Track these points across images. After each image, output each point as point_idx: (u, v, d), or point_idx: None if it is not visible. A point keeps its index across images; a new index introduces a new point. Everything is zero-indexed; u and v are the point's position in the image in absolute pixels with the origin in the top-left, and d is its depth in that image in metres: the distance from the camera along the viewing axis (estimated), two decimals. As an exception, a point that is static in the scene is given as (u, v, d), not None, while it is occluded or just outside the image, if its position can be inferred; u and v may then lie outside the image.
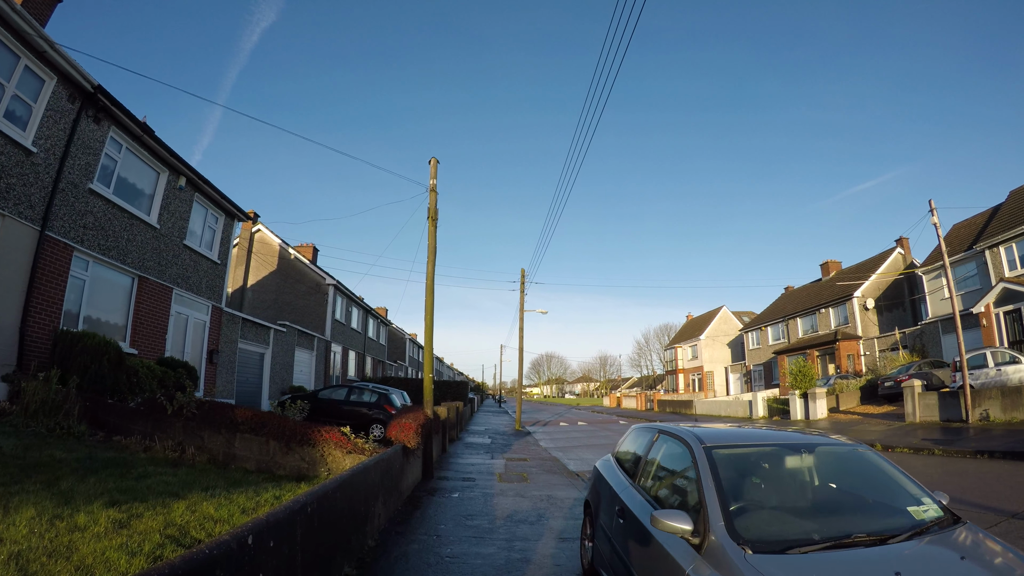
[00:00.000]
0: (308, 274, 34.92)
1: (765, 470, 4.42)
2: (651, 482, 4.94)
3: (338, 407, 20.64)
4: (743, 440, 4.71)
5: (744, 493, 4.00)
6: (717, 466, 3.99)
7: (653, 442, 5.33)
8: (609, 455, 6.78)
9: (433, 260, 14.04)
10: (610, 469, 6.10)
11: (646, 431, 5.89)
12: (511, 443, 22.35)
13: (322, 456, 9.10)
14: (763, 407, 34.44)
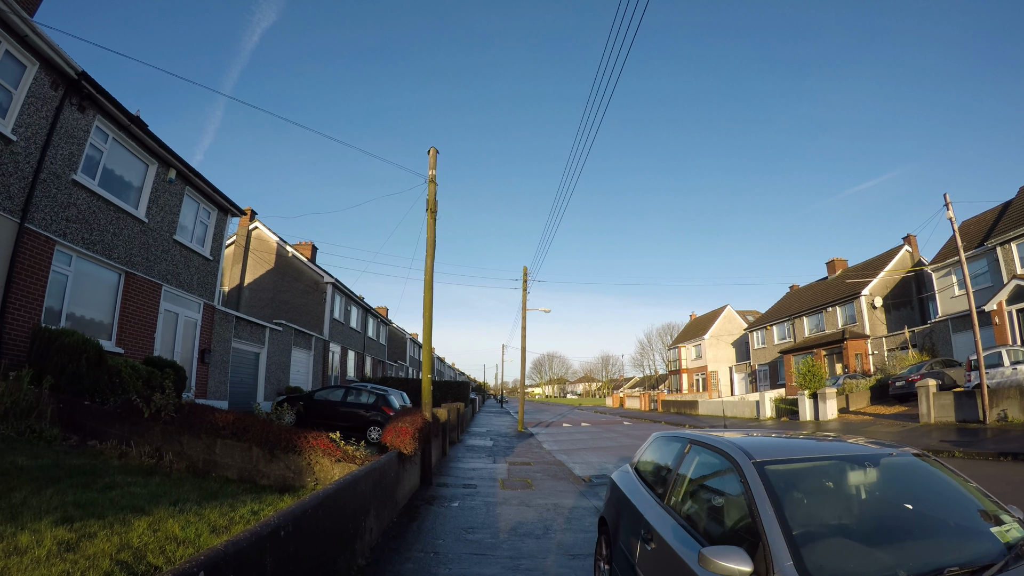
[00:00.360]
0: (306, 272, 34.21)
1: (828, 490, 3.70)
2: (685, 503, 4.19)
3: (335, 408, 19.95)
4: (795, 453, 3.96)
5: (808, 520, 3.27)
6: (774, 488, 3.28)
7: (684, 454, 4.59)
8: (627, 466, 6.05)
9: (432, 254, 13.32)
10: (630, 483, 5.37)
11: (673, 441, 5.16)
12: (513, 446, 21.63)
13: (309, 465, 8.36)
14: (770, 407, 33.70)
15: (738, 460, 3.63)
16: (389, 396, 20.16)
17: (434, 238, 13.51)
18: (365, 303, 41.72)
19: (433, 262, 13.25)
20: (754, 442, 4.06)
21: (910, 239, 45.60)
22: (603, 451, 20.35)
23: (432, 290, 12.91)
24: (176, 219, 18.01)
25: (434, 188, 13.99)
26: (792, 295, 55.39)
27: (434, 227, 13.61)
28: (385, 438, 9.69)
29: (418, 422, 10.83)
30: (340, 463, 8.26)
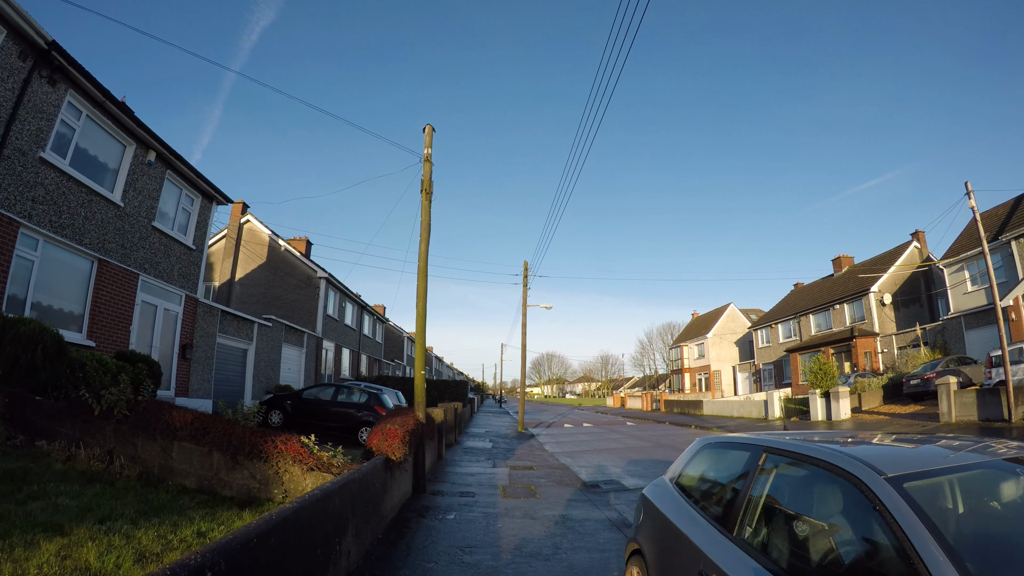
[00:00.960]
0: (299, 267, 33.03)
1: (986, 508, 2.56)
2: (769, 535, 3.01)
3: (324, 408, 18.79)
4: (928, 463, 2.78)
5: (975, 552, 2.12)
6: (926, 512, 2.15)
7: (758, 469, 3.40)
8: (664, 480, 4.87)
9: (427, 239, 12.16)
10: (674, 504, 4.18)
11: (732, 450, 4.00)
12: (514, 447, 20.46)
13: (277, 474, 7.18)
14: (779, 407, 32.57)
15: (861, 476, 2.47)
16: (382, 395, 18.99)
17: (429, 221, 12.35)
18: (360, 300, 40.51)
19: (428, 247, 12.09)
20: (870, 451, 2.91)
21: (918, 235, 44.56)
22: (609, 454, 19.19)
23: (426, 278, 11.75)
24: (155, 204, 16.94)
25: (429, 168, 12.85)
26: (797, 293, 54.29)
27: (429, 209, 12.46)
28: (370, 442, 8.52)
29: (409, 423, 9.67)
30: (313, 472, 7.07)
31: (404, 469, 9.24)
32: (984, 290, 32.06)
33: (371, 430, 8.84)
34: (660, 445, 21.94)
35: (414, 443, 10.02)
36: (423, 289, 11.61)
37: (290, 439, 7.25)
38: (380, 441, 8.43)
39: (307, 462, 7.03)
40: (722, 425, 30.53)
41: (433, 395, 33.92)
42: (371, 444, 8.49)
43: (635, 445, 22.07)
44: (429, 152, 13.05)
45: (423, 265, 11.83)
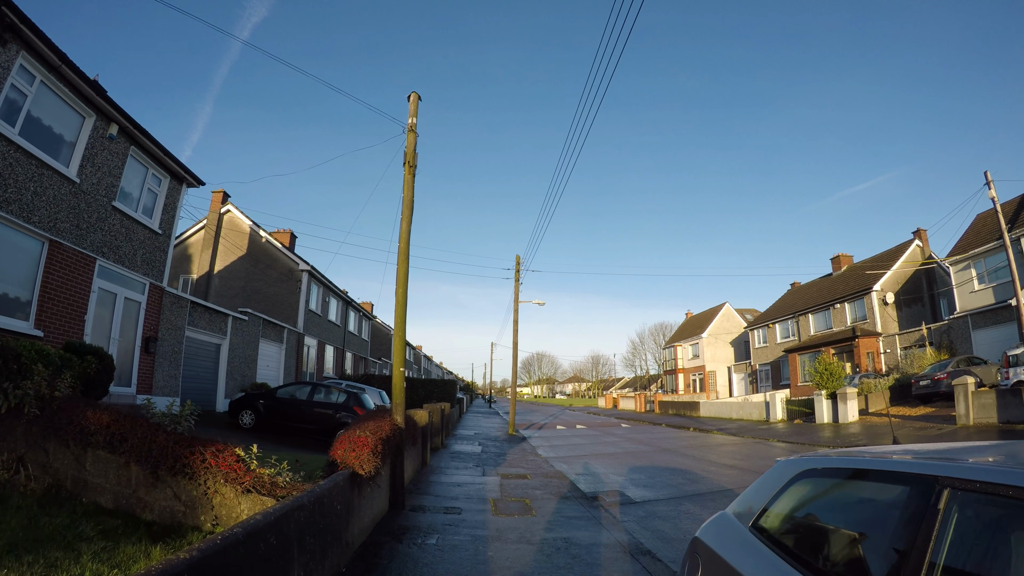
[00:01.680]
0: (280, 259, 31.44)
1: None
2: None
3: (299, 408, 17.30)
4: None
5: None
6: None
7: (936, 514, 1.96)
8: (732, 519, 3.42)
9: (409, 218, 10.68)
10: (762, 562, 2.70)
11: (866, 481, 2.56)
12: (505, 452, 18.99)
13: (206, 495, 5.67)
14: (781, 409, 31.23)
15: None
16: (362, 395, 17.52)
17: (412, 198, 10.87)
18: (346, 295, 38.90)
19: (410, 226, 10.61)
20: None
21: (920, 233, 43.48)
22: (608, 459, 17.76)
23: (407, 261, 10.27)
24: (117, 183, 15.44)
25: (414, 139, 11.38)
26: (794, 292, 53.07)
27: (412, 184, 10.98)
28: (334, 452, 7.03)
29: (384, 429, 8.19)
30: (250, 495, 5.54)
31: (377, 484, 7.75)
32: (992, 288, 30.93)
33: (336, 437, 7.34)
34: (661, 449, 20.53)
35: (390, 452, 8.54)
36: (404, 273, 10.13)
37: (223, 450, 5.69)
38: (346, 452, 6.96)
39: (242, 481, 5.50)
40: (722, 427, 29.19)
41: (420, 395, 32.39)
42: (335, 455, 7.01)
43: (634, 449, 20.66)
44: (414, 122, 11.61)
45: (404, 247, 10.35)
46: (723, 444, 22.33)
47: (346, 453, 6.97)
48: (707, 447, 21.25)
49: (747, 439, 24.10)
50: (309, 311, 31.33)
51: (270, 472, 5.64)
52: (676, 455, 18.67)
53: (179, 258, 32.77)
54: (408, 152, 11.26)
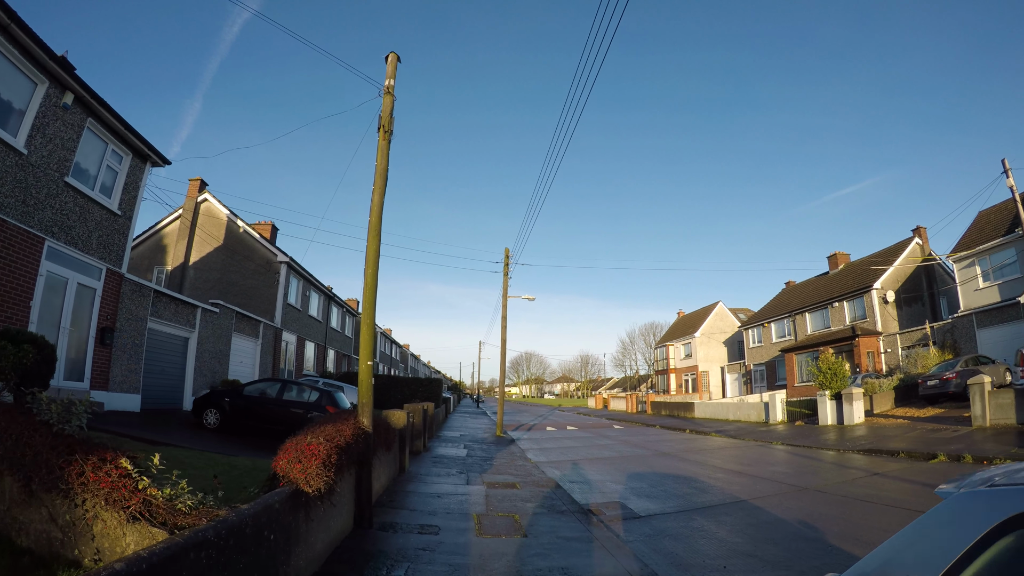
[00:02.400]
0: (258, 250, 29.87)
1: None
2: None
3: (267, 407, 15.85)
4: None
5: None
6: None
7: None
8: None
9: (382, 189, 9.24)
10: None
11: None
12: (492, 455, 17.56)
13: (85, 520, 4.15)
14: (781, 410, 29.94)
15: None
16: (337, 394, 16.09)
17: (386, 167, 9.44)
18: (329, 291, 37.27)
19: (383, 198, 9.17)
20: None
21: (920, 231, 42.40)
22: (603, 464, 16.37)
23: (379, 237, 8.82)
24: (71, 157, 14.09)
25: (391, 102, 9.96)
26: (790, 291, 51.90)
27: (387, 152, 9.54)
28: (278, 462, 5.59)
29: (344, 434, 6.75)
30: (139, 523, 4.03)
31: (332, 502, 6.30)
32: (998, 286, 29.86)
33: (283, 444, 5.89)
34: (659, 453, 19.17)
35: (353, 461, 7.11)
36: (374, 252, 8.68)
37: (109, 460, 4.12)
38: (290, 463, 5.52)
39: (128, 504, 3.99)
40: (720, 429, 27.87)
41: (403, 394, 30.95)
42: (277, 466, 5.58)
43: (630, 453, 19.29)
44: (391, 84, 10.21)
45: (375, 221, 8.90)
46: (724, 447, 21.00)
47: (290, 465, 5.53)
48: (708, 451, 19.91)
49: (748, 442, 22.78)
50: (288, 305, 29.78)
51: (167, 493, 4.14)
52: (676, 460, 17.33)
53: (153, 248, 31.27)
54: (384, 116, 9.83)
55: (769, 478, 13.51)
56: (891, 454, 16.32)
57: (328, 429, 6.70)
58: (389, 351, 67.05)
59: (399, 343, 78.47)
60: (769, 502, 10.41)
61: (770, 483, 12.76)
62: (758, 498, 10.85)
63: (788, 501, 10.47)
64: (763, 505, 10.14)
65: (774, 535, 8.01)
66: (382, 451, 9.88)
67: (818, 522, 8.68)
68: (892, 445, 17.48)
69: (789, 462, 16.33)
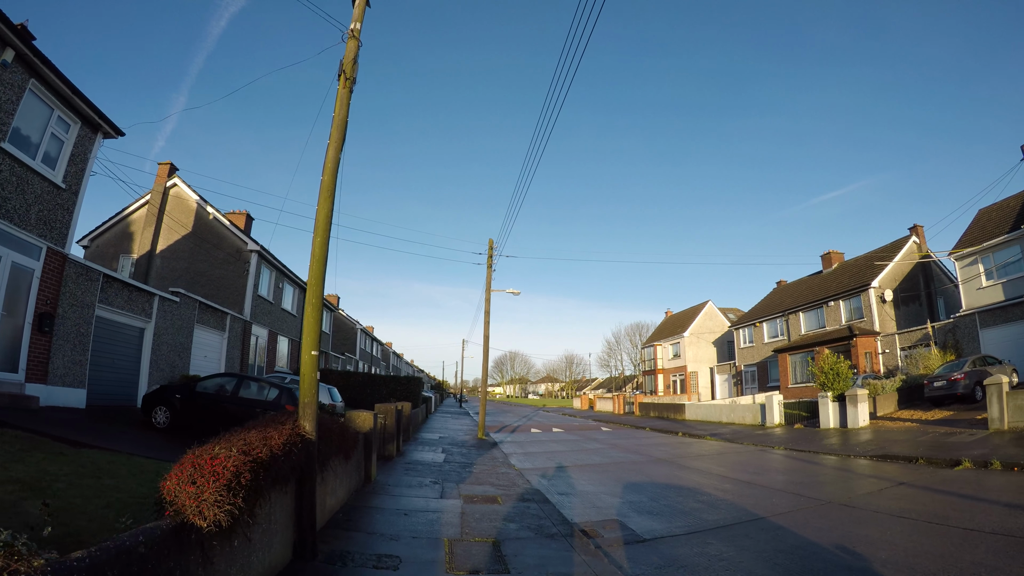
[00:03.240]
0: (228, 238, 28.09)
1: None
2: None
3: (220, 406, 14.20)
4: None
5: None
6: None
7: None
8: None
9: (339, 142, 7.64)
10: None
11: None
12: (472, 461, 15.95)
13: None
14: (779, 413, 28.54)
15: None
16: (296, 392, 14.47)
17: (345, 119, 7.84)
18: (304, 283, 35.34)
19: (339, 154, 7.56)
20: None
21: (916, 229, 41.29)
22: (595, 472, 14.84)
23: (332, 200, 7.21)
24: (9, 120, 12.64)
25: (355, 47, 8.35)
26: (782, 290, 50.65)
27: (348, 103, 7.94)
28: (167, 483, 3.99)
29: (270, 444, 5.14)
30: None
31: (247, 536, 4.70)
32: (1002, 284, 28.69)
33: (181, 458, 4.30)
34: (655, 459, 17.67)
35: (280, 478, 5.50)
36: (325, 217, 7.06)
37: None
38: (180, 485, 3.93)
39: None
40: (715, 432, 26.45)
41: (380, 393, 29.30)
42: (165, 489, 3.98)
43: (623, 459, 17.79)
44: (358, 27, 8.58)
45: (329, 181, 7.29)
46: (723, 452, 19.54)
47: (180, 487, 3.94)
48: (706, 456, 18.43)
49: (748, 446, 21.35)
50: (258, 297, 28.02)
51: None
52: (675, 467, 15.83)
53: (120, 236, 29.45)
54: (346, 61, 8.20)
55: (784, 489, 12.02)
56: (908, 460, 14.90)
57: (252, 436, 5.10)
58: (370, 348, 65.23)
59: (381, 341, 76.63)
60: (792, 520, 8.90)
61: (787, 495, 11.25)
62: (779, 515, 9.33)
63: (814, 519, 8.96)
64: (786, 524, 8.62)
65: (813, 566, 6.49)
66: (338, 460, 8.28)
67: (859, 546, 7.18)
68: (906, 451, 16.06)
69: (800, 470, 14.85)
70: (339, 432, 8.30)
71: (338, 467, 8.33)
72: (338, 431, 8.24)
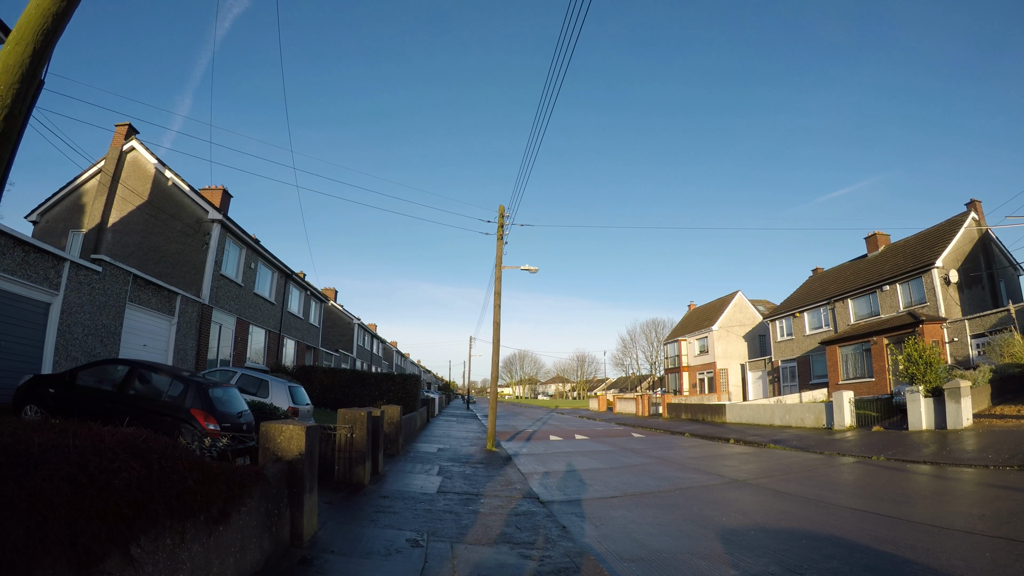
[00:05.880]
0: (186, 206, 23.38)
1: None
2: None
3: (102, 405, 9.43)
4: None
5: None
6: None
7: None
8: None
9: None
10: None
11: None
12: (479, 491, 11.10)
13: None
14: (849, 413, 23.61)
15: None
16: (216, 391, 9.73)
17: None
18: (286, 267, 30.40)
19: None
20: None
21: (974, 205, 36.25)
22: (660, 507, 10.09)
23: None
24: None
25: None
26: (821, 278, 45.57)
27: None
28: None
29: None
30: None
31: None
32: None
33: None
34: (733, 482, 12.88)
35: None
36: None
37: None
38: None
39: None
40: (775, 439, 21.62)
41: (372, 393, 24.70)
42: None
43: (687, 481, 13.03)
44: None
45: None
46: (812, 467, 14.76)
47: None
48: (796, 474, 13.63)
49: (833, 457, 16.61)
50: (222, 277, 23.29)
51: None
52: (768, 494, 11.06)
53: (70, 209, 24.94)
54: None
55: (978, 531, 7.26)
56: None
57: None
58: (369, 346, 60.44)
59: (383, 339, 71.80)
60: None
61: (998, 543, 6.52)
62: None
63: None
64: None
65: None
66: (182, 530, 3.59)
67: None
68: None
69: (963, 495, 10.05)
70: (171, 479, 3.60)
71: (174, 549, 3.64)
72: (165, 475, 3.53)
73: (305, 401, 16.27)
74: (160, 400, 9.25)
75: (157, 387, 9.54)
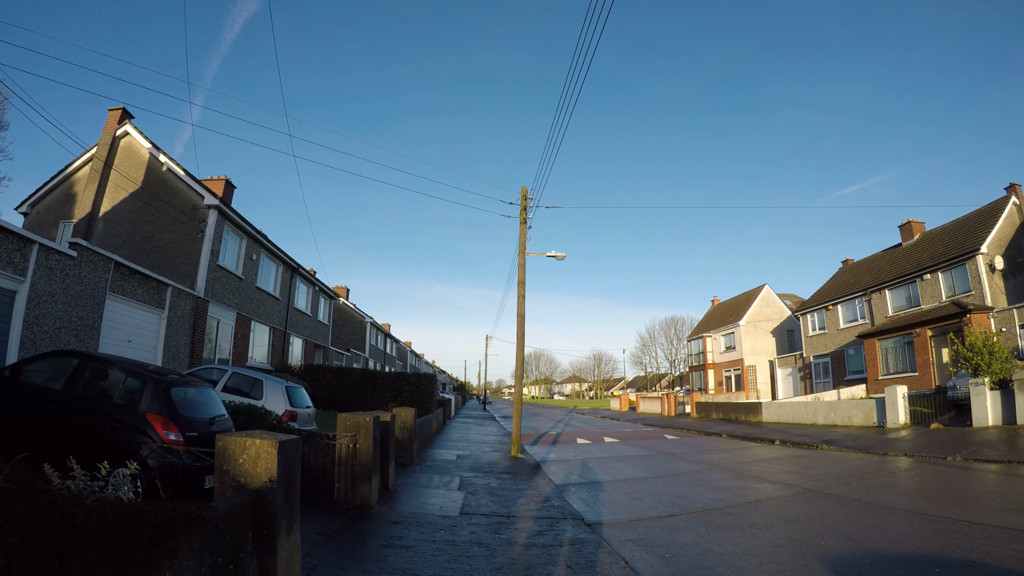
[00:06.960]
0: (182, 192, 21.62)
1: None
2: None
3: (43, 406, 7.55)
4: None
5: None
6: None
7: None
8: None
9: None
10: None
11: None
12: (511, 511, 9.15)
13: None
14: (903, 410, 21.47)
15: None
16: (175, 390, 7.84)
17: None
18: (291, 259, 28.56)
19: None
20: None
21: (1015, 188, 33.83)
22: (734, 527, 8.17)
23: None
24: None
25: None
26: (853, 268, 43.29)
27: None
28: None
29: None
30: None
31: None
32: None
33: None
34: (806, 492, 10.92)
35: None
36: None
37: None
38: None
39: None
40: (826, 439, 19.57)
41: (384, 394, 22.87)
42: None
43: (750, 492, 11.09)
44: None
45: None
46: (889, 471, 12.78)
47: None
48: (885, 481, 11.64)
49: (901, 459, 14.61)
50: (219, 268, 21.50)
51: None
52: (853, 506, 9.11)
53: (62, 199, 23.37)
54: None
55: None
56: None
57: None
58: (383, 345, 58.65)
59: (397, 339, 69.97)
60: None
61: None
62: None
63: None
64: None
65: None
66: None
67: None
68: None
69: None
70: None
71: None
72: None
73: (305, 404, 14.40)
74: (111, 402, 7.40)
75: (109, 386, 7.69)
